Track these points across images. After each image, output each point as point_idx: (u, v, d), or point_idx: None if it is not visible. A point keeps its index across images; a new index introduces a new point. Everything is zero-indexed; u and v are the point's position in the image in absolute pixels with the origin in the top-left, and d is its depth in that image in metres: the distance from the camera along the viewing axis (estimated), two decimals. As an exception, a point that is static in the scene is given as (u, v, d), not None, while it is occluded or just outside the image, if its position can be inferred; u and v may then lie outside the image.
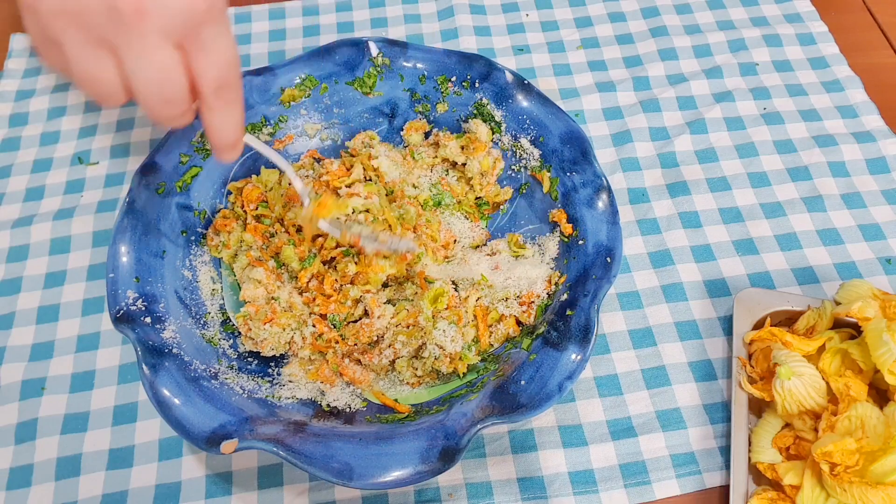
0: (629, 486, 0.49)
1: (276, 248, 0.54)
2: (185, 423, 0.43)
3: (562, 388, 0.44)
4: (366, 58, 0.60)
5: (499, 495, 0.48)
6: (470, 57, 0.59)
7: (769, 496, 0.45)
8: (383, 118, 0.62)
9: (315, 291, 0.52)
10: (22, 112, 0.69)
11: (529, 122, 0.57)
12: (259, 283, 0.52)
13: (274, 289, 0.52)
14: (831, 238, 0.60)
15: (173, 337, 0.47)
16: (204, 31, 0.34)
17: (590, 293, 0.48)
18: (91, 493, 0.49)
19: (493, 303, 0.52)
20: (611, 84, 0.70)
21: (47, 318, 0.56)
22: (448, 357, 0.49)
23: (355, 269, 0.51)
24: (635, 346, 0.55)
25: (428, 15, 0.76)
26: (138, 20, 0.33)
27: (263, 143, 0.48)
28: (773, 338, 0.49)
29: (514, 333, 0.52)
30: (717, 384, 0.53)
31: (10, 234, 0.61)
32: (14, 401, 0.52)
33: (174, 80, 0.35)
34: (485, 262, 0.54)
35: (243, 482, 0.49)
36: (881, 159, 0.64)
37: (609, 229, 0.51)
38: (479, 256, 0.55)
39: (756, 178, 0.64)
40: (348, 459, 0.41)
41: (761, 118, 0.68)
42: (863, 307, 0.47)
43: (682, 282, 0.57)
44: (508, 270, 0.53)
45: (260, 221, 0.56)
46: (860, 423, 0.43)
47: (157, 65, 0.34)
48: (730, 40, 0.74)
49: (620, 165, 0.64)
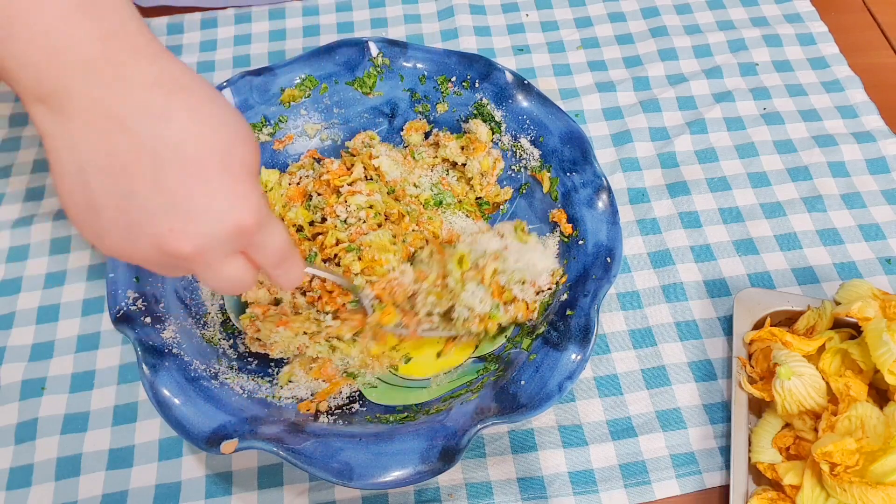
0: (629, 486, 0.49)
1: None
2: (185, 423, 0.43)
3: (562, 388, 0.44)
4: (366, 58, 0.60)
5: (499, 495, 0.48)
6: (470, 57, 0.59)
7: (769, 496, 0.45)
8: (383, 118, 0.62)
9: (319, 290, 0.52)
10: (22, 112, 0.69)
11: (529, 122, 0.57)
12: (261, 283, 0.52)
13: (276, 289, 0.52)
14: (831, 238, 0.60)
15: (173, 337, 0.47)
16: (256, 239, 0.36)
17: (590, 293, 0.48)
18: (91, 493, 0.49)
19: (508, 283, 0.52)
20: (611, 84, 0.70)
21: (47, 318, 0.56)
22: (477, 318, 0.50)
23: (360, 265, 0.51)
24: (635, 346, 0.55)
25: (428, 15, 0.76)
26: (198, 258, 0.34)
27: (323, 268, 0.49)
28: (773, 338, 0.49)
29: (522, 319, 0.51)
30: (717, 384, 0.53)
31: (10, 234, 0.61)
32: (14, 401, 0.52)
33: (244, 280, 0.37)
34: (495, 242, 0.53)
35: (243, 482, 0.49)
36: (881, 159, 0.64)
37: (609, 229, 0.51)
38: (488, 237, 0.54)
39: (756, 178, 0.64)
40: (348, 459, 0.41)
41: (761, 118, 0.68)
42: (863, 307, 0.47)
43: (682, 282, 0.57)
44: (518, 254, 0.53)
45: None
46: (860, 423, 0.43)
47: (225, 278, 0.36)
48: (730, 40, 0.74)
49: (620, 165, 0.64)
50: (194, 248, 0.33)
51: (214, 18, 0.76)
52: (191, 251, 0.33)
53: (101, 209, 0.33)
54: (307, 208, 0.56)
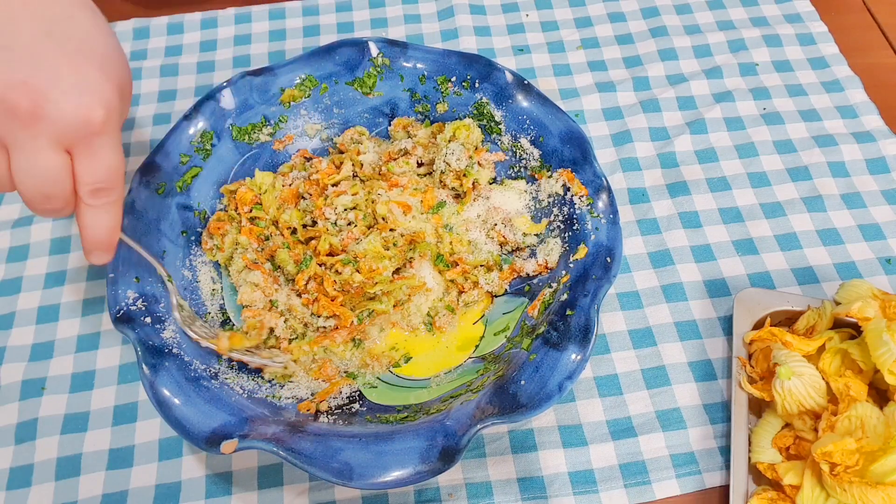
0: (629, 486, 0.49)
1: (271, 251, 0.54)
2: (185, 423, 0.43)
3: (562, 388, 0.44)
4: (366, 58, 0.60)
5: (499, 495, 0.48)
6: (470, 57, 0.59)
7: (769, 496, 0.45)
8: (383, 118, 0.62)
9: (315, 293, 0.52)
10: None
11: (529, 122, 0.57)
12: (256, 286, 0.52)
13: (272, 292, 0.52)
14: (831, 238, 0.60)
15: (173, 337, 0.47)
16: (95, 141, 0.35)
17: (590, 293, 0.48)
18: (91, 493, 0.49)
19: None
20: (611, 84, 0.70)
21: (47, 318, 0.56)
22: (453, 173, 0.56)
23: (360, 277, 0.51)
24: (635, 346, 0.55)
25: (428, 15, 0.76)
26: (32, 122, 0.33)
27: (136, 242, 0.48)
28: (773, 338, 0.49)
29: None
30: (717, 384, 0.53)
31: (10, 234, 0.61)
32: (14, 401, 0.52)
33: (58, 183, 0.35)
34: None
35: (243, 482, 0.49)
36: (881, 159, 0.64)
37: (609, 229, 0.51)
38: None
39: (756, 178, 0.64)
40: (348, 459, 0.41)
41: (761, 118, 0.68)
42: (863, 307, 0.47)
43: (682, 282, 0.57)
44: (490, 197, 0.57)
45: (255, 224, 0.56)
46: (860, 423, 0.43)
47: (43, 167, 0.35)
48: (730, 40, 0.74)
49: (620, 165, 0.64)
50: (37, 108, 0.33)
51: (214, 18, 0.76)
52: (31, 110, 0.33)
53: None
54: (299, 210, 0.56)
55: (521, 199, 0.57)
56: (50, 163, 0.35)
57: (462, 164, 0.56)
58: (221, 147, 0.57)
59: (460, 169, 0.56)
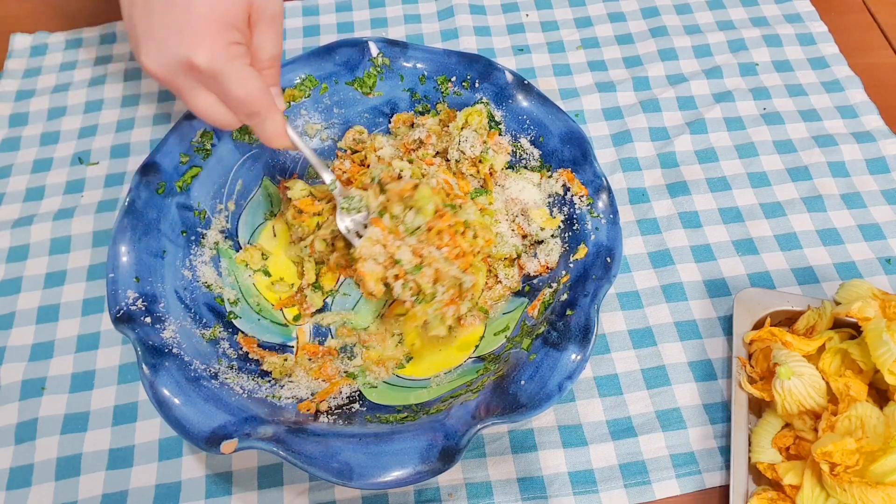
0: (629, 486, 0.49)
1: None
2: (185, 423, 0.43)
3: (562, 388, 0.44)
4: (366, 58, 0.60)
5: (499, 495, 0.48)
6: (470, 57, 0.59)
7: (769, 496, 0.45)
8: (383, 118, 0.62)
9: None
10: (22, 112, 0.70)
11: (529, 123, 0.57)
12: (376, 240, 0.50)
13: (393, 249, 0.49)
14: (831, 238, 0.60)
15: (173, 337, 0.47)
16: (213, 82, 0.45)
17: (590, 293, 0.48)
18: (91, 493, 0.49)
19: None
20: (611, 84, 0.70)
21: (47, 318, 0.56)
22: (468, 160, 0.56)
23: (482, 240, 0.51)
24: (635, 346, 0.55)
25: (428, 15, 0.76)
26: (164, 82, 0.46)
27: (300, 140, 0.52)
28: (773, 338, 0.49)
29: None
30: (717, 384, 0.53)
31: (11, 234, 0.61)
32: (14, 401, 0.53)
33: (213, 114, 0.47)
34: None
35: (243, 482, 0.49)
36: (881, 159, 0.64)
37: (609, 229, 0.51)
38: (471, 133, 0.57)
39: (756, 178, 0.64)
40: (348, 459, 0.41)
41: (761, 118, 0.68)
42: (863, 307, 0.47)
43: (682, 282, 0.57)
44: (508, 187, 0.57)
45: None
46: (860, 423, 0.43)
47: (196, 106, 0.47)
48: (730, 40, 0.74)
49: (620, 165, 0.64)
50: (155, 70, 0.45)
51: (214, 18, 0.76)
52: (153, 72, 0.45)
53: (136, 23, 0.45)
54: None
55: (537, 190, 0.56)
56: (198, 103, 0.46)
57: (477, 151, 0.56)
58: (221, 147, 0.57)
59: (475, 156, 0.56)
